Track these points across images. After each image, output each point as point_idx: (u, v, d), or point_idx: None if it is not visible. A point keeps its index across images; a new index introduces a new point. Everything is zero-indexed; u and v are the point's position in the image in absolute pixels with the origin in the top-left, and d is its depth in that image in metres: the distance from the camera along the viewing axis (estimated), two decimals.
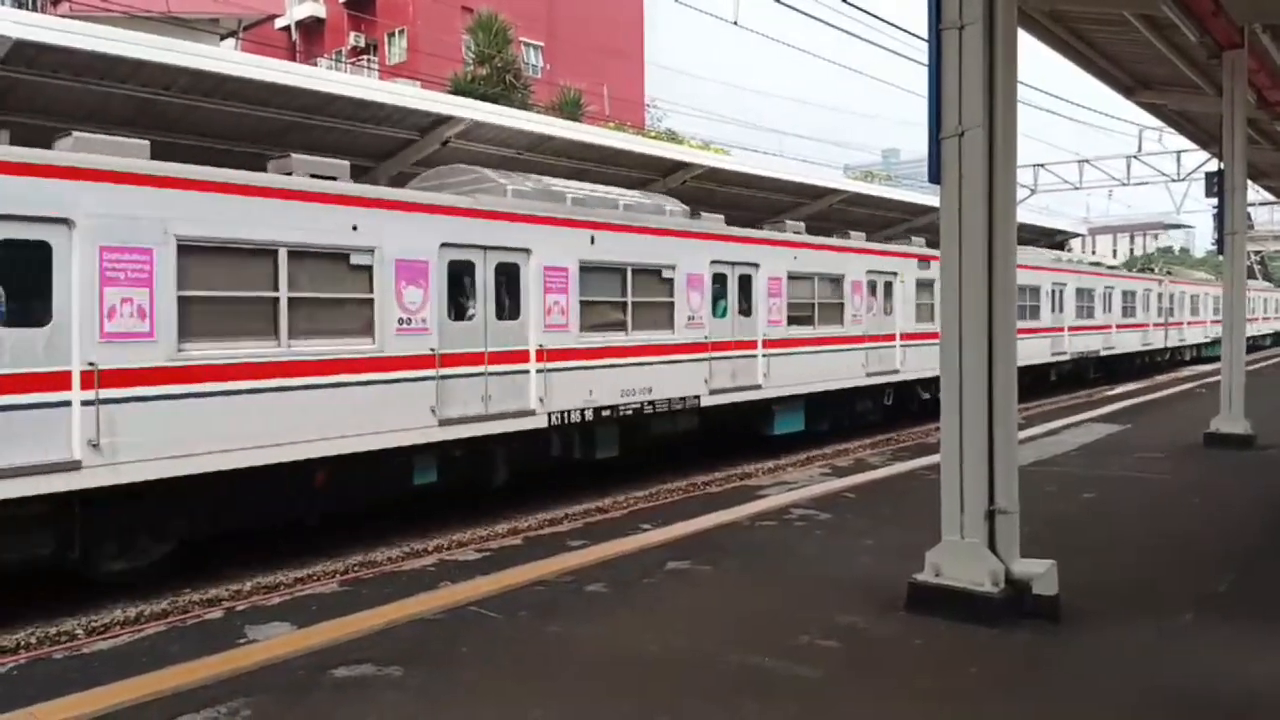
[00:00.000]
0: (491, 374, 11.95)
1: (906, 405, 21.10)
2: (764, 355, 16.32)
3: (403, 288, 10.98)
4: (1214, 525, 9.80)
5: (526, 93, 32.13)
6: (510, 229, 12.24)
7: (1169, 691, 5.57)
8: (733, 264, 15.78)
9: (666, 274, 14.47)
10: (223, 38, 26.03)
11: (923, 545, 6.90)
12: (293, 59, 38.53)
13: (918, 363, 20.36)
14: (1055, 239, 34.69)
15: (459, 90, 27.56)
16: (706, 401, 15.14)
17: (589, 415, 13.18)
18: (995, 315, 6.57)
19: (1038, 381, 26.13)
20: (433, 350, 11.24)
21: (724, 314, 15.66)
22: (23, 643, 8.18)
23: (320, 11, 45.58)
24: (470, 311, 11.85)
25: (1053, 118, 27.28)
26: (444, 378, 11.35)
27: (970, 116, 6.54)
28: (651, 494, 14.07)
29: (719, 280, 15.57)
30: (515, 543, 9.82)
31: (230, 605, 8.03)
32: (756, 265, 16.28)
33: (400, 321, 10.96)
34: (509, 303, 12.29)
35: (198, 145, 12.82)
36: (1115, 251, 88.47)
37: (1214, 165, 19.55)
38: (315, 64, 36.47)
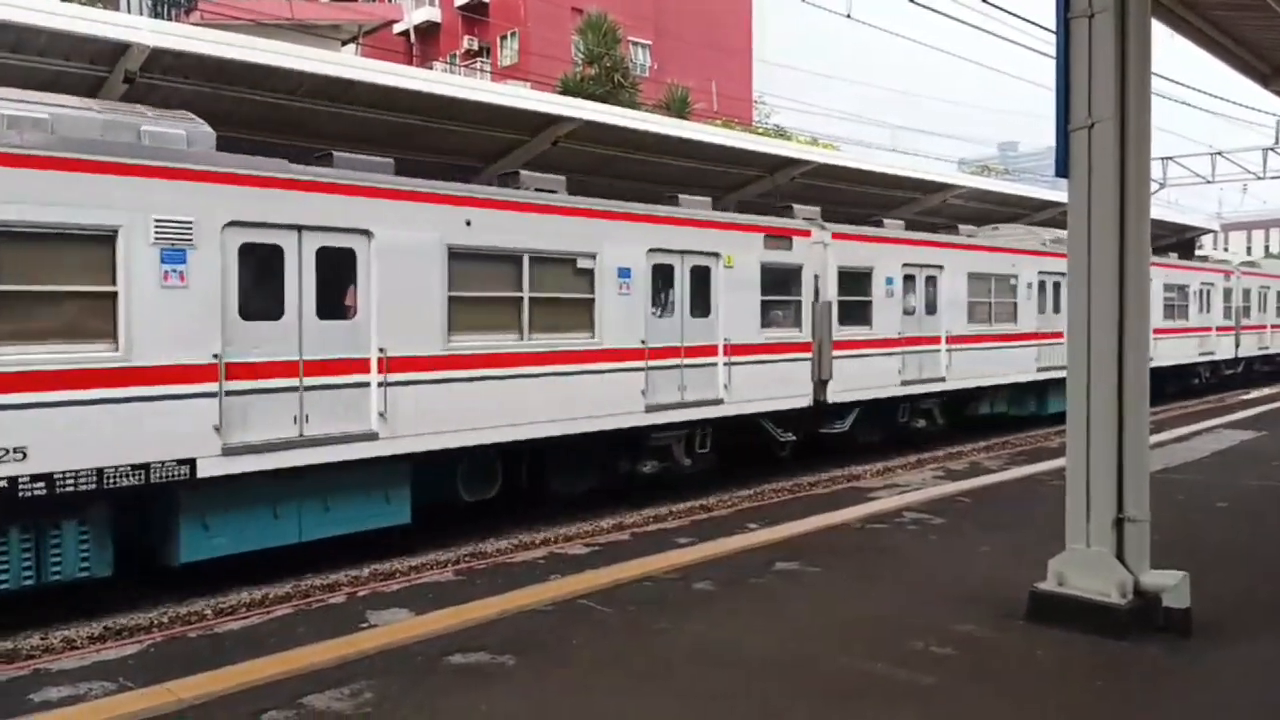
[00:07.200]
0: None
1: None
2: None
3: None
4: None
5: (634, 92, 32.22)
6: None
7: None
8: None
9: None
10: (344, 43, 26.90)
11: (1044, 553, 6.67)
12: (410, 63, 39.60)
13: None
14: (1185, 235, 33.03)
15: (568, 90, 27.85)
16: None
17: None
18: (1126, 315, 6.30)
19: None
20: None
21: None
22: (156, 622, 8.60)
23: (436, 16, 46.75)
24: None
25: (1182, 108, 26.00)
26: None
27: (1101, 108, 6.29)
28: (756, 494, 13.99)
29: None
30: (622, 538, 9.90)
31: (351, 591, 8.32)
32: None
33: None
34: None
35: (325, 149, 13.26)
36: (1249, 249, 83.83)
37: None
38: (431, 67, 37.40)
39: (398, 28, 41.83)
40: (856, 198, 20.96)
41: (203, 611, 8.87)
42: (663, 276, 12.94)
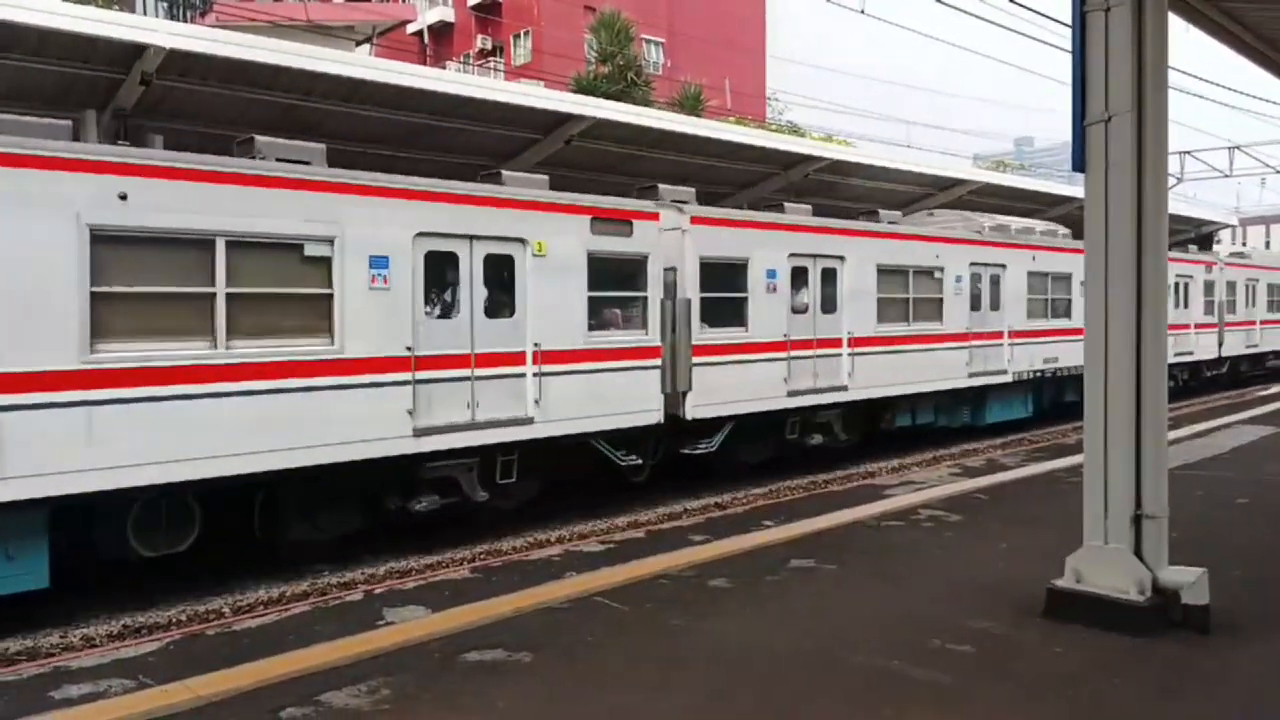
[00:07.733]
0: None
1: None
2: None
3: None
4: None
5: (648, 89, 32.19)
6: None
7: None
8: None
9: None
10: (358, 44, 26.99)
11: (1061, 550, 6.64)
12: (424, 63, 39.70)
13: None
14: (1203, 230, 32.77)
15: (581, 89, 27.85)
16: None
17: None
18: (1144, 310, 6.26)
19: None
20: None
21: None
22: (174, 620, 8.64)
23: (450, 16, 46.81)
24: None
25: (1200, 102, 25.79)
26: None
27: (1118, 101, 6.25)
28: (771, 491, 13.95)
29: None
30: (637, 536, 9.91)
31: (368, 588, 8.34)
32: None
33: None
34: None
35: (335, 149, 13.30)
36: (1269, 243, 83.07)
37: None
38: (445, 67, 37.46)
39: (411, 28, 41.87)
40: (871, 194, 20.90)
41: (221, 609, 8.92)
42: (442, 267, 10.53)
